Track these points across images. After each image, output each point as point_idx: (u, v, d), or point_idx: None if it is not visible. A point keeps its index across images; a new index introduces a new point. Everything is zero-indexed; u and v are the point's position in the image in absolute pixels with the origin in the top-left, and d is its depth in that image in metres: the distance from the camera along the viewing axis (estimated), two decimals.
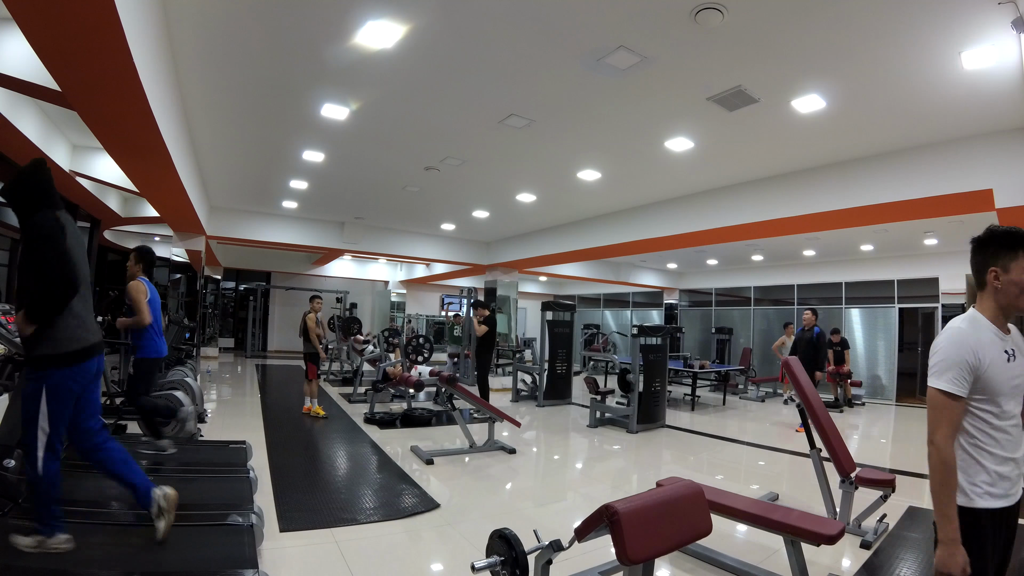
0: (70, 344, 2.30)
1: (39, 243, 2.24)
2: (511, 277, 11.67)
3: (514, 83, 3.99)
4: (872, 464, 4.90)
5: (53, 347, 2.26)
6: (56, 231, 2.27)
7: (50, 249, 2.23)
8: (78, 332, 2.34)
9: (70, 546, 2.26)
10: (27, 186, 2.35)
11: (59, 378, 2.28)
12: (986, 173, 4.35)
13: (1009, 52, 3.14)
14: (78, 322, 2.35)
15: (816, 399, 3.58)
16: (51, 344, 2.26)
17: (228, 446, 4.16)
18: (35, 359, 2.26)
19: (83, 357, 2.36)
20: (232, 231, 9.36)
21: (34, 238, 2.26)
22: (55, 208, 2.36)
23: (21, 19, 2.35)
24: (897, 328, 10.73)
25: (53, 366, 2.27)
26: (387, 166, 6.31)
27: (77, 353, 2.33)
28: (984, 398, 1.53)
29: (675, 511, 1.83)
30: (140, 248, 4.05)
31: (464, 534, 3.27)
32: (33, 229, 2.27)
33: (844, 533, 2.52)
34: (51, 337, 2.25)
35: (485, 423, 5.57)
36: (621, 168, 6.02)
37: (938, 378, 1.53)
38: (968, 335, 1.53)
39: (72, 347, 2.31)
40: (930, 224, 7.88)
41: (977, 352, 1.50)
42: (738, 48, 3.35)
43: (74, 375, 2.32)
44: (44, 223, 2.27)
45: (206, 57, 3.81)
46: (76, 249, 2.39)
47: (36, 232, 2.26)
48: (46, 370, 2.26)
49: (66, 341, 2.29)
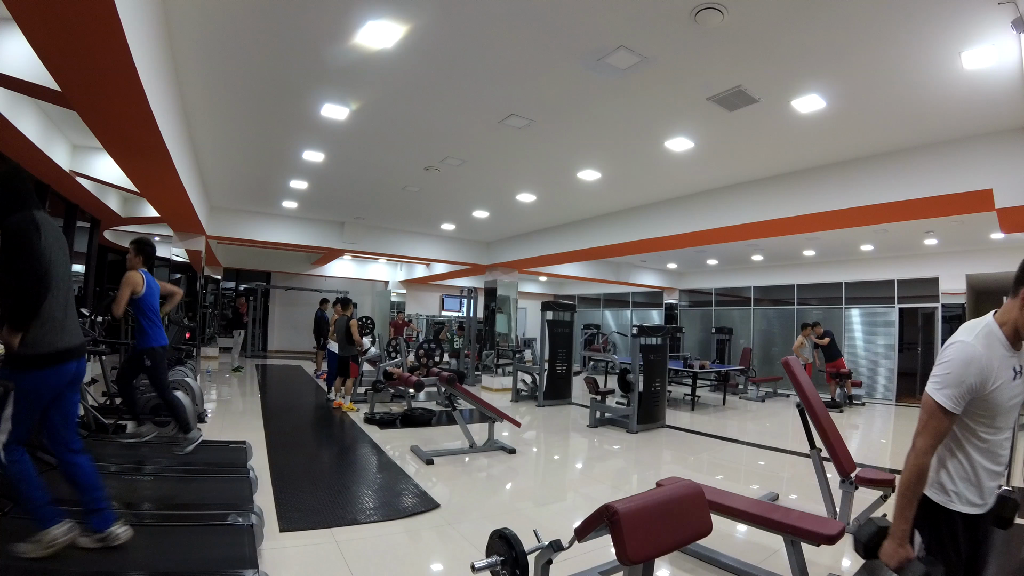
0: (44, 347, 2.26)
1: (10, 243, 2.21)
2: (511, 277, 11.67)
3: (514, 83, 3.99)
4: (872, 464, 4.91)
5: (26, 348, 2.22)
6: (30, 230, 2.23)
7: (21, 248, 2.19)
8: (51, 335, 2.29)
9: (72, 534, 2.25)
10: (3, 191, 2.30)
11: (30, 381, 2.24)
12: (986, 173, 4.35)
13: (1009, 52, 3.14)
14: (54, 324, 2.30)
15: (816, 399, 3.58)
16: (24, 346, 2.21)
17: (228, 446, 4.17)
18: (8, 359, 2.22)
19: (58, 360, 2.31)
20: (232, 231, 9.36)
21: (7, 239, 2.22)
22: (31, 208, 2.32)
23: (21, 19, 2.35)
24: (897, 328, 10.73)
25: (25, 368, 2.22)
26: (387, 166, 6.31)
27: (51, 356, 2.28)
28: (983, 415, 1.54)
29: (675, 511, 1.83)
30: (138, 240, 4.06)
31: (464, 534, 3.27)
32: (6, 231, 2.23)
33: (844, 533, 2.52)
34: (24, 340, 2.21)
35: (485, 423, 5.57)
36: (621, 168, 6.02)
37: (937, 390, 1.52)
38: (979, 356, 1.50)
39: (46, 349, 2.26)
40: (930, 224, 7.88)
41: (984, 374, 1.49)
42: (738, 48, 3.35)
43: (46, 378, 2.28)
44: (19, 223, 2.24)
45: (206, 57, 3.81)
46: (55, 249, 2.35)
47: (9, 232, 2.23)
48: (18, 371, 2.21)
49: (40, 343, 2.25)
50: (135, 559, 2.30)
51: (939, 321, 10.01)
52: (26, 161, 5.14)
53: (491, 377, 10.57)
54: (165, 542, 2.48)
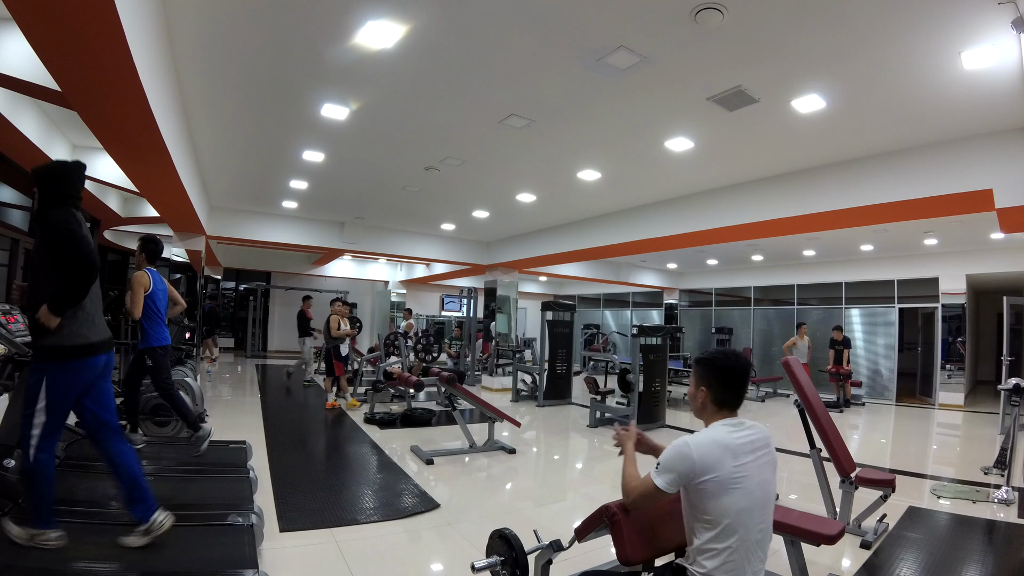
0: (76, 339, 2.31)
1: (58, 235, 2.27)
2: (511, 277, 11.66)
3: (514, 83, 3.99)
4: (872, 464, 4.91)
5: (59, 339, 2.27)
6: (75, 223, 2.32)
7: (71, 238, 2.26)
8: (84, 328, 2.35)
9: (62, 543, 2.26)
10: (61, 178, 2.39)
11: (62, 370, 2.29)
12: (986, 173, 4.35)
13: (1009, 52, 3.14)
14: (86, 317, 2.37)
15: (816, 399, 3.58)
16: (57, 336, 2.26)
17: (228, 446, 4.16)
18: (41, 350, 2.28)
19: (90, 352, 2.37)
20: (232, 231, 9.36)
21: (53, 230, 2.28)
22: (75, 207, 2.41)
23: (21, 19, 2.35)
24: (897, 328, 10.73)
25: (58, 358, 2.28)
26: (387, 166, 6.31)
27: (84, 348, 2.34)
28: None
29: (675, 511, 1.83)
30: (143, 238, 4.08)
31: (464, 534, 3.27)
32: (52, 222, 2.30)
33: (844, 533, 2.52)
34: (58, 330, 2.26)
35: (485, 423, 5.57)
36: (621, 168, 6.02)
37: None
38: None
39: (78, 341, 2.32)
40: (930, 224, 7.88)
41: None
42: (738, 48, 3.34)
43: (78, 368, 2.34)
44: (65, 217, 2.31)
45: (206, 57, 3.80)
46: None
47: (55, 225, 2.29)
48: (50, 361, 2.27)
49: (73, 335, 2.30)
50: (135, 559, 2.30)
51: (939, 321, 10.01)
52: (26, 161, 5.14)
53: (491, 377, 10.57)
54: (165, 542, 2.48)
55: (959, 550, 3.31)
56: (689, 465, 1.60)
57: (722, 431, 1.67)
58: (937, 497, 4.33)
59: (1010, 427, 4.91)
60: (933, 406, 9.84)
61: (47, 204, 2.36)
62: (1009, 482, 4.38)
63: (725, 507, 1.57)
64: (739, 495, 1.58)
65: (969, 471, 5.16)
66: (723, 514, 1.57)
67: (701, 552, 1.62)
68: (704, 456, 1.60)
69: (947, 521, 3.80)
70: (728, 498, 1.57)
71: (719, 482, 1.57)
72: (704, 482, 1.58)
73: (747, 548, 1.59)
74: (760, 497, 1.63)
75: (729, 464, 1.59)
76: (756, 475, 1.62)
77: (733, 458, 1.60)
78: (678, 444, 1.66)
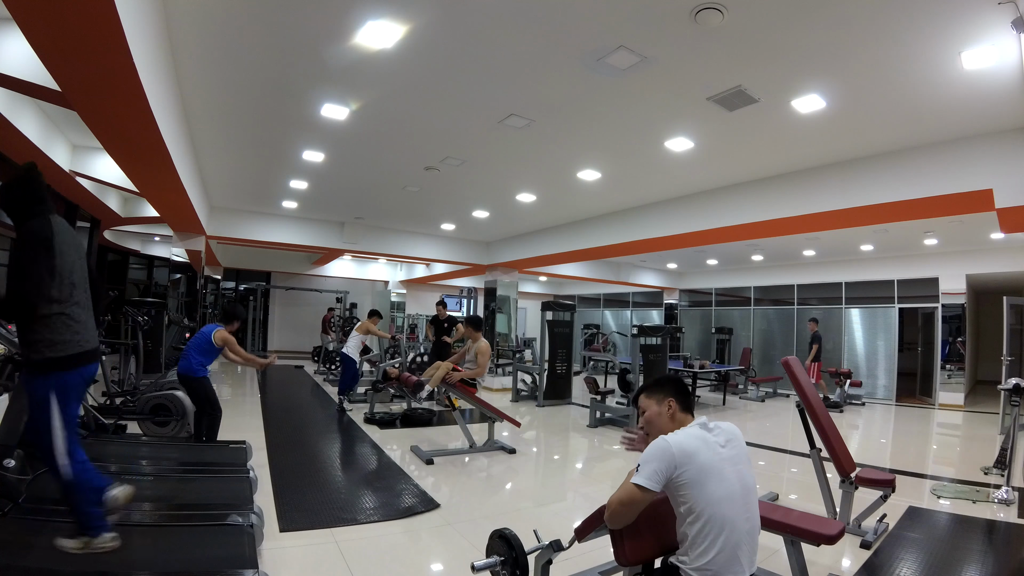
0: (74, 347, 2.28)
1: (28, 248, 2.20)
2: (511, 277, 11.66)
3: (514, 83, 3.99)
4: (872, 464, 4.91)
5: (55, 350, 2.23)
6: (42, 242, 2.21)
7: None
8: (80, 337, 2.31)
9: (116, 544, 2.26)
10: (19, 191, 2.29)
11: (66, 379, 2.26)
12: (986, 173, 4.35)
13: (1009, 52, 3.14)
14: (79, 326, 2.33)
15: (816, 399, 3.58)
16: (52, 347, 2.22)
17: (228, 446, 4.15)
18: (39, 364, 2.22)
19: (86, 360, 2.34)
20: (232, 231, 9.36)
21: (25, 243, 2.22)
22: (47, 213, 2.31)
23: (21, 19, 2.35)
24: (897, 328, 10.73)
25: (59, 368, 2.24)
26: (387, 166, 6.31)
27: (81, 356, 2.31)
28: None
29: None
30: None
31: (464, 534, 3.26)
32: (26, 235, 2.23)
33: (844, 533, 2.52)
34: (52, 341, 2.22)
35: (485, 423, 5.57)
36: (621, 168, 6.02)
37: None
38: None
39: (76, 350, 2.29)
40: (930, 224, 7.88)
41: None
42: (738, 48, 3.34)
43: (77, 377, 2.31)
44: (37, 231, 2.23)
45: (206, 57, 3.80)
46: (70, 252, 2.34)
47: (28, 238, 2.22)
48: (52, 373, 2.22)
49: (69, 344, 2.27)
50: (135, 559, 2.30)
51: (939, 321, 10.00)
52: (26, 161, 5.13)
53: (491, 377, 10.57)
54: (165, 542, 2.48)
55: (959, 550, 3.31)
56: (669, 454, 1.67)
57: (695, 429, 1.79)
58: (937, 497, 4.33)
59: (1010, 427, 4.91)
60: (933, 406, 9.83)
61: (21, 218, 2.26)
62: (1009, 482, 4.38)
63: (707, 496, 1.64)
64: (718, 483, 1.66)
65: (969, 471, 5.16)
66: (706, 503, 1.63)
67: (692, 548, 1.66)
68: (682, 444, 1.69)
69: (947, 521, 3.80)
70: (710, 485, 1.65)
71: (699, 468, 1.65)
72: (685, 471, 1.65)
73: (736, 541, 1.64)
74: (739, 487, 1.71)
75: (705, 452, 1.69)
76: (732, 465, 1.72)
77: (708, 448, 1.71)
78: (655, 442, 1.74)
